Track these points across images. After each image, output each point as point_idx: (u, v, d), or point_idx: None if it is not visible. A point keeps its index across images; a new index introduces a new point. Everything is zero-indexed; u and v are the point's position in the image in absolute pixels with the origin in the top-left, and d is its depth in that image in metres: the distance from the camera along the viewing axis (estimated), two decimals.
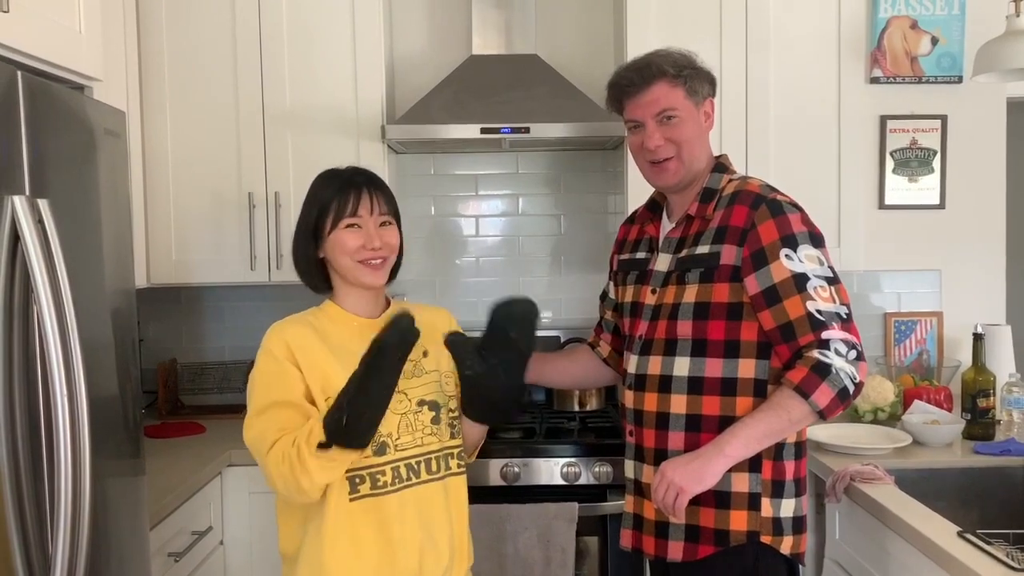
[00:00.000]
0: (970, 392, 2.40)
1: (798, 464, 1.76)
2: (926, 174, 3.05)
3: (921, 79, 3.00)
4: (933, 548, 1.66)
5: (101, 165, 1.69)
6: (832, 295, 1.68)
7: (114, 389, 1.77)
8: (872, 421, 2.57)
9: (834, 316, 1.66)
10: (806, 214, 1.75)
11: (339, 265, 1.68)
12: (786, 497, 1.72)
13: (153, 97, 2.69)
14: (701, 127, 1.78)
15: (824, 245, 1.73)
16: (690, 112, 1.74)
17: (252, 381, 1.62)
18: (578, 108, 2.65)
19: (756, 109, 2.70)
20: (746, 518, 1.68)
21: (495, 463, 2.46)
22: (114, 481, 1.71)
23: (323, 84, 2.69)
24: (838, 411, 1.67)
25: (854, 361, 1.65)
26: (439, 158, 3.10)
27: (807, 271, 1.66)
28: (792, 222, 1.69)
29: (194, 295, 3.08)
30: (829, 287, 1.68)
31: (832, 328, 1.65)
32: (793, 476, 1.74)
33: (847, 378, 1.64)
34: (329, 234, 1.66)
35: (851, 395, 1.66)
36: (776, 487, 1.71)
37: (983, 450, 2.27)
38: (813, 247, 1.69)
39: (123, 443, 1.79)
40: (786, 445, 1.73)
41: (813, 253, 1.69)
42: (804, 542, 1.75)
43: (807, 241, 1.69)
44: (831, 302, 1.67)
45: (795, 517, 1.73)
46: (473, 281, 3.14)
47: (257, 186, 2.69)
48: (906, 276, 3.10)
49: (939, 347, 3.06)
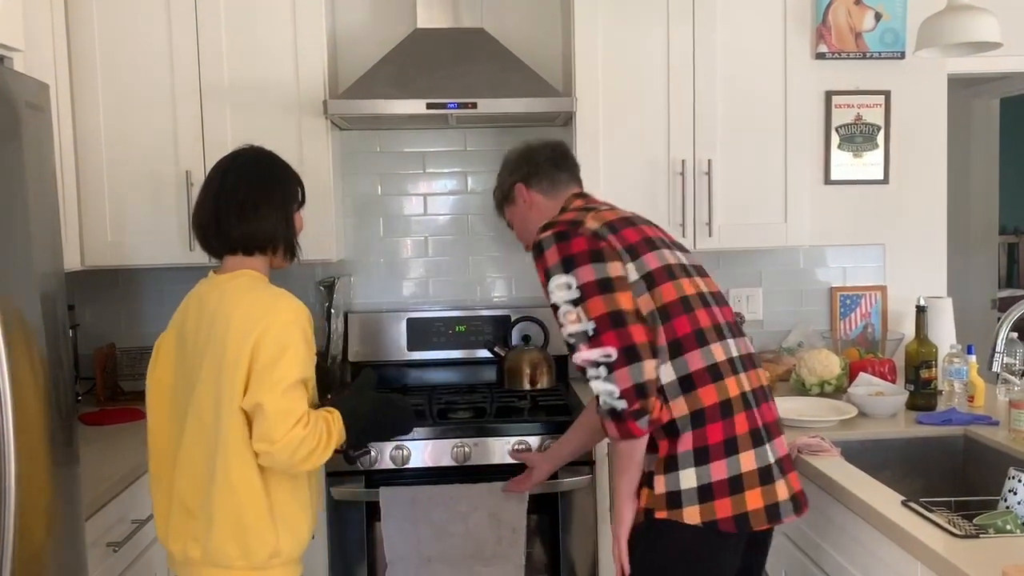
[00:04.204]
0: (913, 364, 2.44)
1: (700, 432, 1.68)
2: (870, 149, 3.09)
3: (865, 55, 3.04)
4: (878, 517, 1.68)
5: (24, 141, 1.60)
6: (579, 315, 1.70)
7: (46, 375, 1.69)
8: (819, 394, 2.60)
9: (581, 336, 1.69)
10: (566, 240, 1.76)
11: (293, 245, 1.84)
12: (683, 468, 1.68)
13: (83, 70, 2.58)
14: (522, 213, 2.04)
15: (581, 263, 1.72)
16: (512, 213, 2.08)
17: (293, 350, 1.65)
18: (526, 83, 2.62)
19: (703, 86, 2.70)
20: (645, 496, 1.72)
21: (445, 443, 2.43)
22: (46, 470, 1.64)
23: (262, 58, 2.60)
24: (635, 427, 1.66)
25: (607, 376, 1.66)
26: (384, 135, 3.04)
27: (556, 300, 1.74)
28: (547, 258, 1.76)
29: (131, 277, 2.98)
30: (576, 308, 1.70)
31: (579, 350, 1.69)
32: (693, 446, 1.68)
33: (608, 399, 1.66)
34: (295, 213, 1.83)
35: (625, 411, 1.65)
36: (670, 462, 1.69)
37: (925, 420, 2.31)
38: (564, 273, 1.73)
39: (56, 431, 1.72)
40: (679, 420, 1.68)
41: (562, 280, 1.73)
42: (726, 506, 1.66)
43: (559, 270, 1.74)
44: (577, 322, 1.70)
45: (701, 486, 1.67)
46: (422, 261, 3.09)
47: (195, 164, 2.60)
48: (851, 251, 3.14)
49: (883, 320, 3.12)
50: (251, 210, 1.74)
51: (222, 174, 1.79)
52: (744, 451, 1.70)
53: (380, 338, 2.98)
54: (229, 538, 1.67)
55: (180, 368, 1.76)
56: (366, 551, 2.47)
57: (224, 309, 1.68)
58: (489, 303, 3.10)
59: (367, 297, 3.08)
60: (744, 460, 1.69)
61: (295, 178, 1.85)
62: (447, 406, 2.65)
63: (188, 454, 1.72)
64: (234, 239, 1.76)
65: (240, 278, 1.75)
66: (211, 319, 1.69)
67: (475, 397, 2.76)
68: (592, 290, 1.70)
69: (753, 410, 1.74)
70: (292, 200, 1.83)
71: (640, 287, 1.73)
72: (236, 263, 1.78)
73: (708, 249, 2.75)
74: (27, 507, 1.53)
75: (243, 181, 1.77)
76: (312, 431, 1.66)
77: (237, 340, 1.64)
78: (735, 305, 3.10)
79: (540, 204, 1.99)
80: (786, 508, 1.73)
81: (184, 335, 1.75)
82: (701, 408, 1.69)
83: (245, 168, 1.80)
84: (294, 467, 1.66)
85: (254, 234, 1.75)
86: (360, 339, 2.97)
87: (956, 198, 3.20)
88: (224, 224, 1.74)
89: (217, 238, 1.77)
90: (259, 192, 1.77)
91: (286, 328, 1.66)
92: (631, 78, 2.69)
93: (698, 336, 1.73)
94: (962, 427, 2.26)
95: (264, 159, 1.84)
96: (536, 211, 1.98)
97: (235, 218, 1.74)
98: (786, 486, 1.74)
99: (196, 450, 1.70)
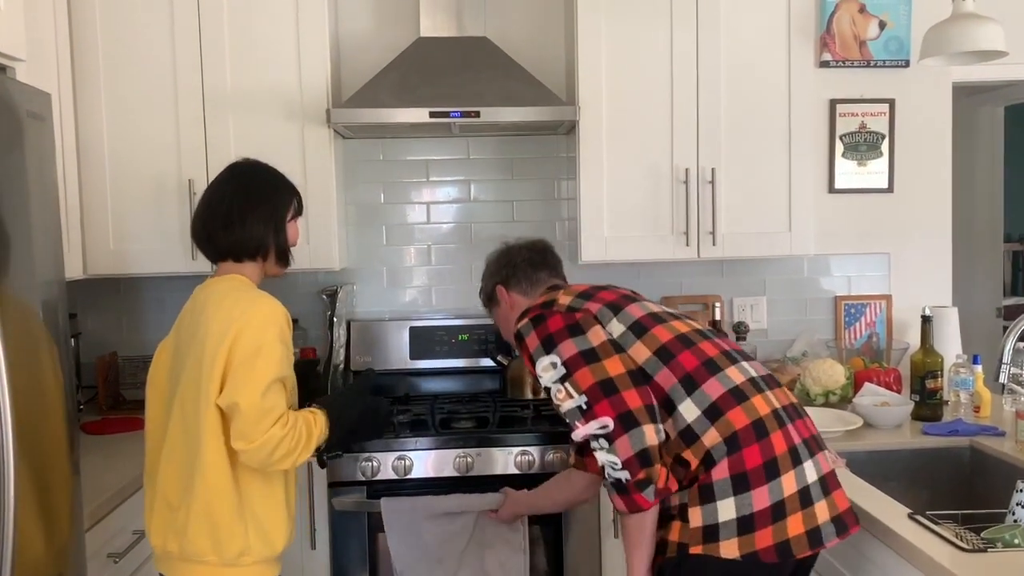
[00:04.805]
0: (918, 374, 2.42)
1: (736, 457, 1.60)
2: (875, 158, 3.08)
3: (870, 63, 3.03)
4: (884, 530, 1.67)
5: (26, 150, 1.60)
6: (568, 391, 1.69)
7: (47, 384, 1.68)
8: (824, 404, 2.59)
9: (575, 413, 1.68)
10: (542, 322, 1.77)
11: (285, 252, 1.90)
12: (721, 498, 1.59)
13: (86, 79, 2.57)
14: (504, 313, 2.07)
15: (560, 340, 1.72)
16: (495, 314, 2.12)
17: (268, 349, 1.68)
18: (529, 92, 2.61)
19: (707, 93, 2.69)
20: (678, 529, 1.63)
21: (448, 454, 2.42)
22: (46, 480, 1.63)
23: (265, 66, 2.60)
24: (641, 499, 1.61)
25: (609, 447, 1.62)
26: (388, 143, 3.03)
27: (545, 383, 1.73)
28: (528, 344, 1.78)
29: (134, 286, 2.97)
30: (564, 384, 1.70)
31: (576, 427, 1.68)
32: (731, 472, 1.59)
33: (612, 470, 1.63)
34: (289, 222, 1.89)
35: (629, 482, 1.60)
36: (705, 491, 1.60)
37: (931, 431, 2.29)
38: (547, 354, 1.73)
39: (57, 440, 1.71)
40: (713, 449, 1.60)
41: (547, 362, 1.73)
42: (766, 535, 1.57)
43: (541, 352, 1.74)
44: (569, 399, 1.69)
45: (741, 517, 1.57)
46: (424, 269, 3.08)
47: (198, 172, 2.60)
48: (855, 260, 3.13)
49: (888, 330, 3.10)
50: (237, 220, 1.81)
51: (215, 185, 1.87)
52: (785, 472, 1.61)
53: (382, 347, 2.97)
54: (202, 533, 1.71)
55: (172, 368, 1.81)
56: (367, 562, 2.45)
57: (208, 310, 1.74)
58: None
59: (369, 305, 3.07)
60: (786, 483, 1.60)
61: (289, 188, 1.91)
62: (449, 416, 2.64)
63: (170, 449, 1.76)
64: (221, 248, 1.83)
65: (226, 281, 1.81)
66: (197, 320, 1.75)
67: (477, 407, 2.74)
68: (577, 363, 1.69)
69: (788, 427, 1.66)
70: (284, 209, 1.88)
71: (629, 337, 1.72)
72: (228, 268, 1.85)
73: (712, 258, 2.74)
74: (27, 517, 1.52)
75: (231, 192, 1.84)
76: (291, 431, 1.69)
77: (215, 339, 1.68)
78: (738, 314, 3.09)
79: (520, 304, 2.00)
80: (828, 531, 1.62)
81: (178, 337, 1.81)
82: (734, 432, 1.61)
83: (236, 179, 1.87)
84: (271, 466, 1.71)
85: (240, 243, 1.82)
86: (362, 348, 2.96)
87: (960, 206, 3.18)
88: (212, 234, 1.82)
89: (207, 247, 1.85)
90: (245, 203, 1.83)
91: (262, 327, 1.69)
92: (634, 86, 2.68)
93: (709, 365, 1.69)
94: (968, 438, 2.24)
95: (257, 171, 1.90)
96: (516, 311, 1.98)
97: (220, 228, 1.81)
98: (827, 506, 1.64)
99: (177, 445, 1.75)
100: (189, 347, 1.75)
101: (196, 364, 1.72)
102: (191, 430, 1.73)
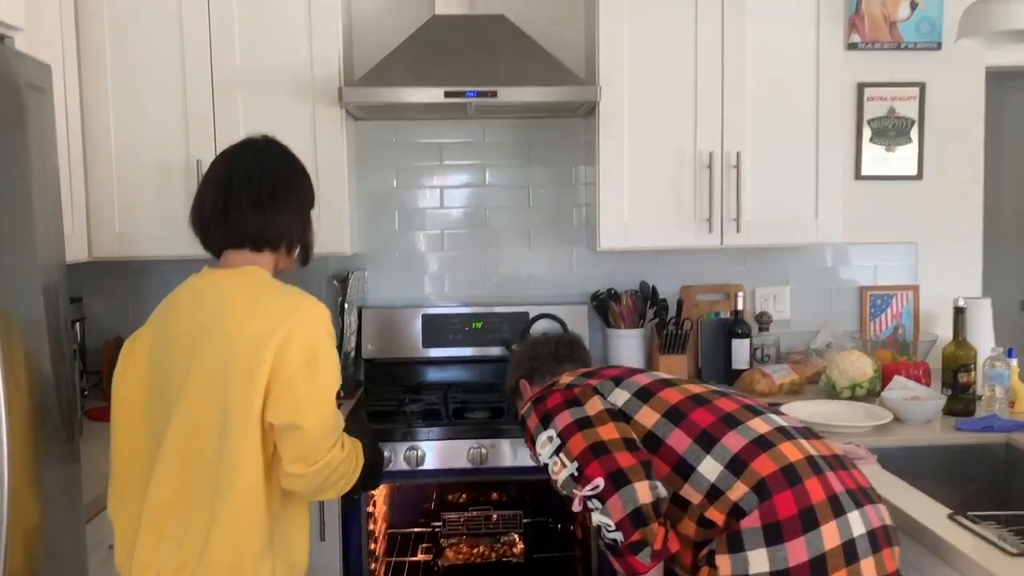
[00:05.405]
0: (951, 367, 2.33)
1: (767, 506, 1.44)
2: (903, 144, 2.98)
3: (900, 45, 2.93)
4: (922, 532, 1.59)
5: (27, 122, 1.53)
6: (562, 460, 1.61)
7: (47, 370, 1.62)
8: (850, 397, 2.50)
9: (569, 483, 1.59)
10: (542, 401, 1.71)
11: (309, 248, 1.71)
12: (752, 548, 1.42)
13: (90, 54, 2.50)
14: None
15: (557, 413, 1.66)
16: (519, 407, 1.92)
17: (327, 357, 1.50)
18: (548, 72, 2.52)
19: (732, 75, 2.59)
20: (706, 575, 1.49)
21: (461, 444, 2.35)
22: (45, 468, 1.57)
23: (276, 43, 2.52)
24: (636, 562, 1.51)
25: (602, 507, 1.53)
26: (401, 126, 2.95)
27: (544, 459, 1.66)
28: (530, 425, 1.71)
29: (140, 269, 2.90)
30: (559, 455, 1.61)
31: (574, 496, 1.58)
32: (762, 522, 1.43)
33: (607, 532, 1.53)
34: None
35: (623, 544, 1.50)
36: (734, 539, 1.44)
37: (965, 427, 2.20)
38: (544, 429, 1.66)
39: (56, 427, 1.64)
40: (742, 501, 1.45)
41: (544, 436, 1.66)
42: None
43: (540, 430, 1.68)
44: (563, 468, 1.60)
45: (776, 571, 1.41)
46: (437, 256, 3.00)
47: (206, 152, 2.52)
48: (881, 249, 3.03)
49: (915, 321, 3.00)
50: (268, 202, 1.56)
51: (231, 161, 1.62)
52: (825, 522, 1.43)
53: (394, 334, 2.89)
54: (222, 566, 1.46)
55: (160, 374, 1.54)
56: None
57: (229, 309, 1.50)
58: (506, 299, 3.00)
59: (381, 292, 3.00)
60: (827, 534, 1.42)
61: (308, 176, 1.70)
62: (463, 405, 2.56)
63: (167, 472, 1.49)
64: (244, 232, 1.56)
65: (248, 275, 1.55)
66: (209, 320, 1.50)
67: (491, 396, 2.66)
68: (571, 431, 1.61)
69: (827, 474, 1.48)
70: (312, 201, 1.69)
71: (634, 404, 1.63)
72: (240, 259, 1.58)
73: (735, 245, 2.65)
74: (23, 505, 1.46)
75: (258, 170, 1.60)
76: (349, 455, 1.56)
77: (251, 344, 1.44)
78: (761, 304, 3.00)
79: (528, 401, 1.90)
80: None
81: (167, 337, 1.54)
82: (761, 479, 1.46)
83: (260, 157, 1.63)
84: (322, 493, 1.54)
85: (268, 227, 1.57)
86: (374, 335, 2.88)
87: (988, 195, 3.08)
88: (235, 213, 1.55)
89: (222, 230, 1.57)
90: (276, 183, 1.59)
91: (314, 331, 1.48)
92: (657, 66, 2.59)
93: (727, 420, 1.57)
94: (1004, 434, 2.15)
95: (282, 149, 1.67)
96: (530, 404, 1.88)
97: (249, 207, 1.55)
98: (874, 565, 1.43)
99: (180, 468, 1.48)
100: (198, 353, 1.48)
101: (216, 375, 1.46)
102: (208, 453, 1.46)
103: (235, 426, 1.44)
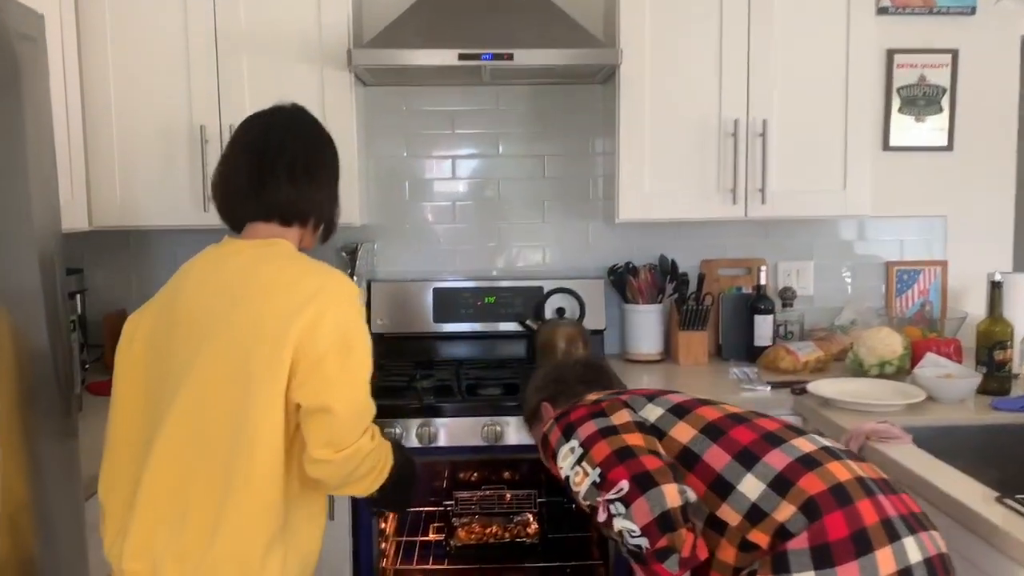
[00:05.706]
0: (986, 344, 2.23)
1: (817, 527, 1.33)
2: (934, 113, 2.87)
3: (932, 10, 2.81)
4: (967, 514, 1.50)
5: (20, 76, 1.43)
6: (584, 469, 1.52)
7: (43, 342, 1.54)
8: (878, 375, 2.40)
9: (591, 492, 1.49)
10: (565, 416, 1.63)
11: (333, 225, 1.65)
12: (799, 571, 1.32)
13: (91, 17, 2.39)
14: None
15: (581, 424, 1.58)
16: (537, 430, 1.81)
17: (361, 337, 1.45)
18: (567, 34, 2.41)
19: (758, 38, 2.48)
20: None
21: (475, 421, 2.26)
22: (40, 443, 1.49)
23: (282, 2, 2.41)
24: (662, 571, 1.40)
25: (626, 512, 1.43)
26: (411, 92, 2.84)
27: (565, 472, 1.57)
28: (551, 440, 1.64)
29: (143, 239, 2.82)
30: (580, 465, 1.53)
31: (599, 504, 1.48)
32: (811, 544, 1.32)
33: (630, 537, 1.43)
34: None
35: (648, 551, 1.40)
36: (779, 561, 1.34)
37: (1002, 406, 2.11)
38: (566, 441, 1.58)
39: (53, 401, 1.56)
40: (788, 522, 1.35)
41: (566, 448, 1.58)
42: None
43: (562, 443, 1.60)
44: (585, 478, 1.51)
45: None
46: (447, 228, 2.91)
47: (210, 118, 2.42)
48: (909, 222, 2.93)
49: (943, 297, 2.90)
50: (302, 175, 1.50)
51: (264, 129, 1.54)
52: (880, 547, 1.30)
53: (405, 308, 2.80)
54: (230, 555, 1.37)
55: (164, 351, 1.45)
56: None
57: (253, 282, 1.42)
58: (519, 274, 2.91)
59: (391, 265, 2.90)
60: (882, 560, 1.29)
61: (336, 148, 1.62)
62: (476, 382, 2.47)
63: (169, 454, 1.39)
64: (275, 203, 1.49)
65: (275, 246, 1.49)
66: (230, 290, 1.42)
67: (504, 373, 2.58)
68: (594, 439, 1.52)
69: (879, 496, 1.37)
70: (338, 172, 1.62)
71: (668, 419, 1.55)
72: (266, 231, 1.51)
73: (760, 217, 2.55)
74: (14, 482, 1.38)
75: (293, 140, 1.53)
76: (379, 447, 1.48)
77: (279, 319, 1.36)
78: (783, 280, 2.90)
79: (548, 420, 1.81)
80: None
81: (175, 312, 1.46)
82: (810, 497, 1.35)
83: (294, 126, 1.56)
84: (348, 484, 1.46)
85: (300, 201, 1.51)
86: (384, 309, 2.80)
87: (1021, 168, 2.97)
88: (270, 185, 1.48)
89: (253, 200, 1.49)
90: (312, 156, 1.54)
91: (346, 309, 1.43)
92: (680, 29, 2.48)
93: (769, 438, 1.47)
94: None
95: (315, 121, 1.60)
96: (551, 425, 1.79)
97: (285, 178, 1.48)
98: None
99: (186, 450, 1.39)
100: (215, 323, 1.40)
101: (237, 348, 1.37)
102: (222, 431, 1.38)
103: (256, 406, 1.36)
